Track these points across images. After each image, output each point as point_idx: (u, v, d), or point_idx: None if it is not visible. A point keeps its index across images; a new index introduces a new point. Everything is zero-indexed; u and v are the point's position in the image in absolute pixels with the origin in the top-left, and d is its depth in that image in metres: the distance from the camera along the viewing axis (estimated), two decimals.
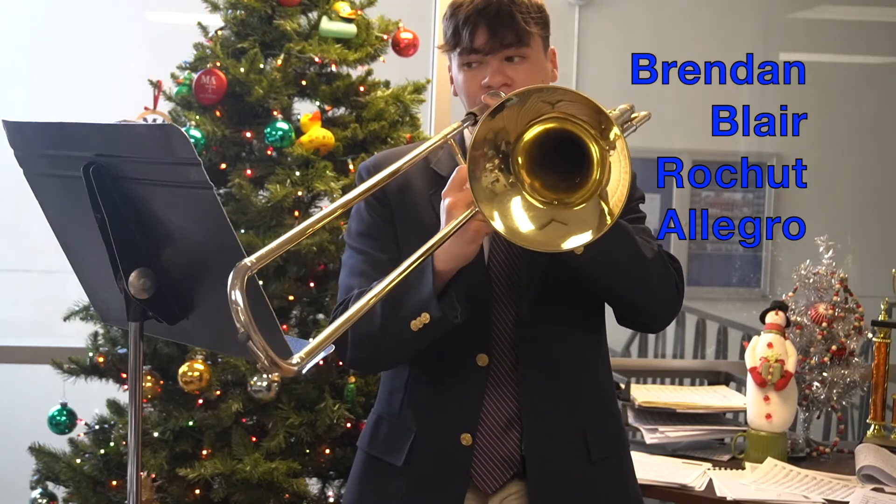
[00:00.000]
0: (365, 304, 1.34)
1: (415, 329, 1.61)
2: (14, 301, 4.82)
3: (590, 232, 1.49)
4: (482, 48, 1.73)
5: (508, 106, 1.49)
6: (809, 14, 6.14)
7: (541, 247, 1.53)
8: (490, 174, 1.52)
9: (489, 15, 1.72)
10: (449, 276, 1.63)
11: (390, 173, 1.50)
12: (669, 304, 1.78)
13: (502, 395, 1.77)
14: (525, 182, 1.54)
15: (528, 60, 1.75)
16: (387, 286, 1.39)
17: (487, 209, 1.51)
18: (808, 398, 2.64)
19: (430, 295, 1.60)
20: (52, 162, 1.61)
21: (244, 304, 1.18)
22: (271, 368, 1.20)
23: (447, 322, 1.61)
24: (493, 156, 1.52)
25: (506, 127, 1.51)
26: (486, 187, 1.52)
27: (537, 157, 1.54)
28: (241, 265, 1.20)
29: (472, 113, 1.71)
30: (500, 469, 1.76)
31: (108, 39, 4.83)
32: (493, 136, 1.51)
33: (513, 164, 1.53)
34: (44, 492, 2.93)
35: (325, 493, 2.88)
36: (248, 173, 2.85)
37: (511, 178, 1.53)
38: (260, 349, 1.18)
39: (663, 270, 1.75)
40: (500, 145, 1.52)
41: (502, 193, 1.53)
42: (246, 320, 1.17)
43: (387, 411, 1.85)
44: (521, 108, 1.50)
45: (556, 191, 1.54)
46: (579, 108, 1.48)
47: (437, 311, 1.60)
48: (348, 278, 1.81)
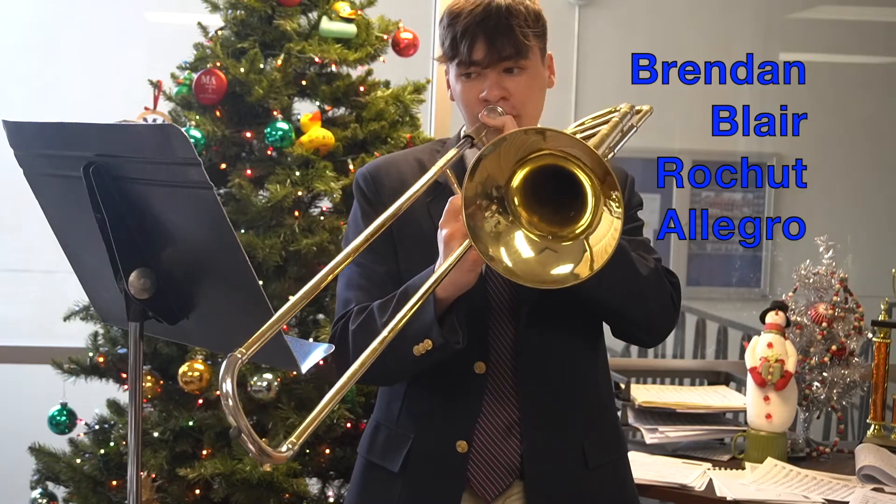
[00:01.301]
0: (364, 361, 1.36)
1: (417, 354, 1.61)
2: (14, 301, 4.83)
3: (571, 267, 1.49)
4: (481, 62, 1.72)
5: (485, 157, 1.48)
6: (809, 14, 6.14)
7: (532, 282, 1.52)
8: (490, 220, 1.52)
9: (488, 27, 1.70)
10: (449, 302, 1.63)
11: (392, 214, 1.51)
12: (665, 321, 1.79)
13: (501, 403, 1.77)
14: (523, 218, 1.54)
15: (527, 71, 1.75)
16: (391, 329, 1.40)
17: (494, 250, 1.52)
18: (808, 398, 2.64)
19: (433, 322, 1.60)
20: (52, 162, 1.61)
21: (234, 395, 1.20)
22: (262, 459, 1.24)
23: (449, 348, 1.62)
24: (487, 205, 1.52)
25: (491, 175, 1.50)
26: (490, 232, 1.52)
27: (532, 193, 1.53)
28: (232, 357, 1.22)
29: (468, 136, 1.71)
30: (500, 476, 1.76)
31: (108, 39, 4.83)
32: (481, 188, 1.50)
33: (509, 205, 1.53)
34: (44, 492, 2.93)
35: (325, 493, 2.88)
36: (248, 173, 2.85)
37: (511, 218, 1.53)
38: (251, 442, 1.22)
39: (659, 287, 1.75)
40: (491, 192, 1.52)
41: (505, 231, 1.53)
42: (235, 413, 1.20)
43: (385, 418, 1.85)
44: (501, 150, 1.48)
45: (552, 224, 1.54)
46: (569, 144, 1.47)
47: (439, 338, 1.60)
48: (346, 291, 1.80)
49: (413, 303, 1.46)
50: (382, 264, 1.79)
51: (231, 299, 1.51)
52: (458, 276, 1.60)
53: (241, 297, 1.48)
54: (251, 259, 1.45)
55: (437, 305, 1.61)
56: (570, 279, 1.49)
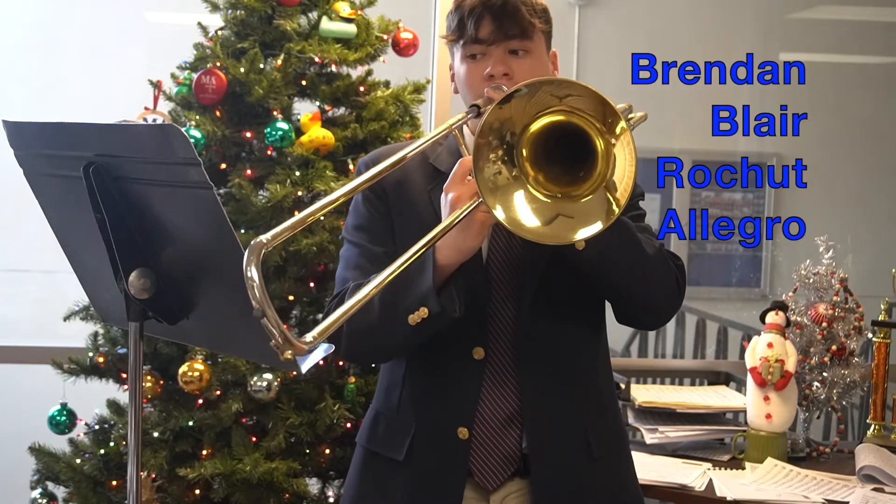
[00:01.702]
0: (372, 290, 1.35)
1: (412, 323, 1.61)
2: (14, 301, 4.83)
3: (599, 223, 1.49)
4: (486, 38, 1.74)
5: (517, 96, 1.49)
6: (809, 14, 6.14)
7: (549, 240, 1.52)
8: (493, 165, 1.52)
9: (494, 7, 1.74)
10: (450, 270, 1.62)
11: (392, 163, 1.50)
12: (669, 302, 1.78)
13: (502, 391, 1.77)
14: (529, 175, 1.54)
15: (531, 55, 1.76)
16: (388, 276, 1.39)
17: (490, 201, 1.51)
18: (808, 398, 2.64)
19: (430, 289, 1.59)
20: (52, 162, 1.61)
21: (260, 280, 1.19)
22: (284, 346, 1.21)
23: (446, 316, 1.61)
24: (497, 146, 1.52)
25: (512, 117, 1.51)
26: (489, 179, 1.51)
27: (542, 150, 1.53)
28: (257, 242, 1.22)
29: (475, 105, 1.71)
30: (501, 465, 1.76)
31: (108, 39, 4.83)
32: (499, 125, 1.51)
33: (517, 157, 1.53)
34: (44, 492, 2.93)
35: (325, 493, 2.87)
36: (248, 173, 2.85)
37: (515, 171, 1.53)
38: (274, 325, 1.20)
39: (664, 267, 1.75)
40: (505, 135, 1.52)
41: (505, 186, 1.53)
42: (261, 297, 1.19)
43: (385, 407, 1.85)
44: (530, 99, 1.50)
45: (560, 184, 1.54)
46: (586, 103, 1.48)
47: (436, 306, 1.60)
48: (344, 271, 1.81)
49: (412, 252, 1.44)
50: (381, 245, 1.79)
51: (231, 299, 1.51)
52: (463, 239, 1.59)
53: (241, 297, 1.48)
54: None
55: (437, 273, 1.60)
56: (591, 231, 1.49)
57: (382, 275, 1.38)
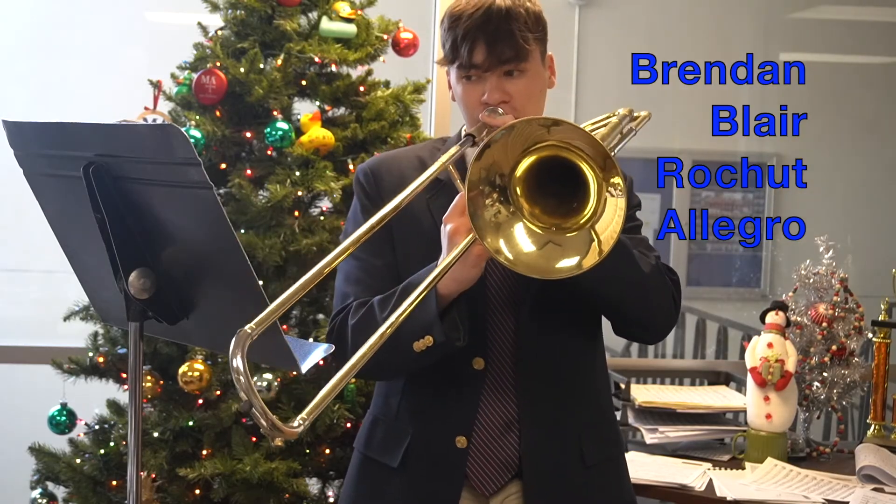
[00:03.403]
0: (370, 349, 1.36)
1: (417, 350, 1.61)
2: (14, 301, 4.83)
3: (577, 260, 1.50)
4: (481, 65, 1.72)
5: (495, 142, 1.50)
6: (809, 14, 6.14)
7: (537, 273, 1.53)
8: (491, 208, 1.53)
9: (488, 31, 1.71)
10: (451, 298, 1.63)
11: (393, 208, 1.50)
12: (666, 317, 1.79)
13: (500, 399, 1.77)
14: (525, 209, 1.55)
15: (527, 74, 1.75)
16: (391, 324, 1.40)
17: (493, 240, 1.52)
18: (808, 398, 2.64)
19: (434, 318, 1.60)
20: (52, 162, 1.61)
21: (245, 371, 1.20)
22: (273, 433, 1.22)
23: (450, 345, 1.62)
24: (489, 192, 1.53)
25: (496, 161, 1.51)
26: (490, 220, 1.53)
27: (535, 184, 1.54)
28: (242, 333, 1.22)
29: (470, 135, 1.72)
30: (498, 472, 1.77)
31: (108, 39, 4.83)
32: (485, 174, 1.51)
33: (511, 195, 1.54)
34: (44, 492, 2.93)
35: (325, 493, 2.88)
36: (248, 173, 2.85)
37: (511, 208, 1.54)
38: (262, 416, 1.20)
39: (660, 283, 1.76)
40: (494, 180, 1.52)
41: (505, 223, 1.54)
42: (247, 387, 1.19)
43: (383, 413, 1.85)
44: (510, 139, 1.50)
45: (554, 216, 1.55)
46: (573, 135, 1.48)
47: (440, 335, 1.60)
48: (344, 285, 1.81)
49: (415, 296, 1.46)
50: (380, 258, 1.79)
51: (231, 299, 1.51)
52: (462, 271, 1.60)
53: (241, 297, 1.48)
54: (251, 259, 1.45)
55: (438, 302, 1.61)
56: (576, 270, 1.50)
57: (384, 326, 1.39)
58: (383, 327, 1.39)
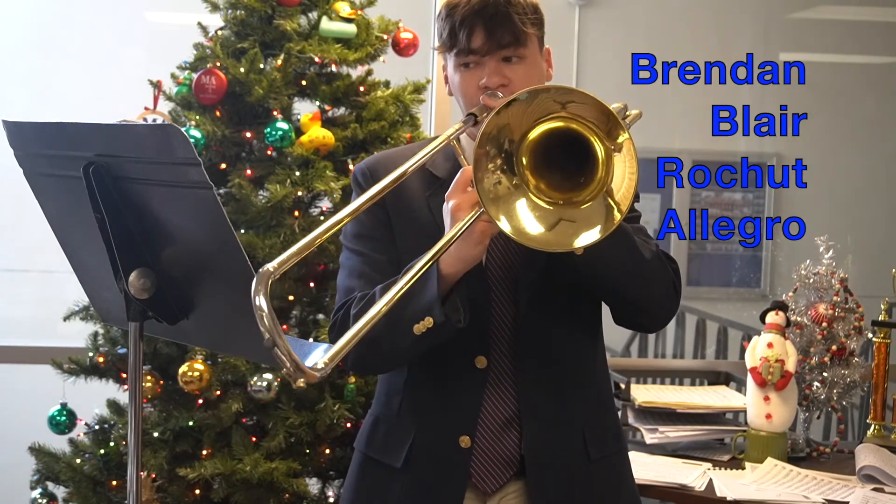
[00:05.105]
0: (382, 308, 1.35)
1: (417, 333, 1.60)
2: (14, 301, 4.83)
3: (598, 229, 1.49)
4: (479, 49, 1.73)
5: (516, 103, 1.49)
6: (809, 14, 6.15)
7: (552, 247, 1.52)
8: (493, 175, 1.51)
9: (486, 16, 1.71)
10: (454, 279, 1.62)
11: (396, 177, 1.49)
12: (667, 304, 1.78)
13: (501, 396, 1.77)
14: (530, 183, 1.53)
15: (525, 60, 1.75)
16: (398, 292, 1.39)
17: (493, 211, 1.51)
18: (808, 398, 2.64)
19: (434, 299, 1.59)
20: (52, 162, 1.61)
21: (269, 309, 1.18)
22: (296, 375, 1.20)
23: (451, 326, 1.61)
24: (495, 155, 1.51)
25: (510, 124, 1.50)
26: (489, 189, 1.51)
27: (541, 157, 1.53)
28: (264, 271, 1.21)
29: (471, 114, 1.70)
30: (500, 469, 1.76)
31: (108, 39, 4.84)
32: (497, 132, 1.50)
33: (517, 165, 1.52)
34: (44, 492, 2.93)
35: (325, 493, 2.87)
36: (248, 173, 2.84)
37: (515, 180, 1.52)
38: (285, 355, 1.18)
39: (661, 270, 1.75)
40: (503, 143, 1.51)
41: (506, 195, 1.52)
42: (271, 326, 1.17)
43: (385, 412, 1.85)
44: (529, 106, 1.49)
45: (561, 190, 1.53)
46: (587, 110, 1.48)
47: (440, 316, 1.59)
48: (347, 280, 1.80)
49: (418, 268, 1.44)
50: (384, 253, 1.79)
51: (231, 299, 1.51)
52: (465, 249, 1.59)
53: (241, 297, 1.48)
54: (251, 259, 1.45)
55: (442, 283, 1.60)
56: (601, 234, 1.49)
57: (390, 293, 1.38)
58: (385, 298, 1.37)
